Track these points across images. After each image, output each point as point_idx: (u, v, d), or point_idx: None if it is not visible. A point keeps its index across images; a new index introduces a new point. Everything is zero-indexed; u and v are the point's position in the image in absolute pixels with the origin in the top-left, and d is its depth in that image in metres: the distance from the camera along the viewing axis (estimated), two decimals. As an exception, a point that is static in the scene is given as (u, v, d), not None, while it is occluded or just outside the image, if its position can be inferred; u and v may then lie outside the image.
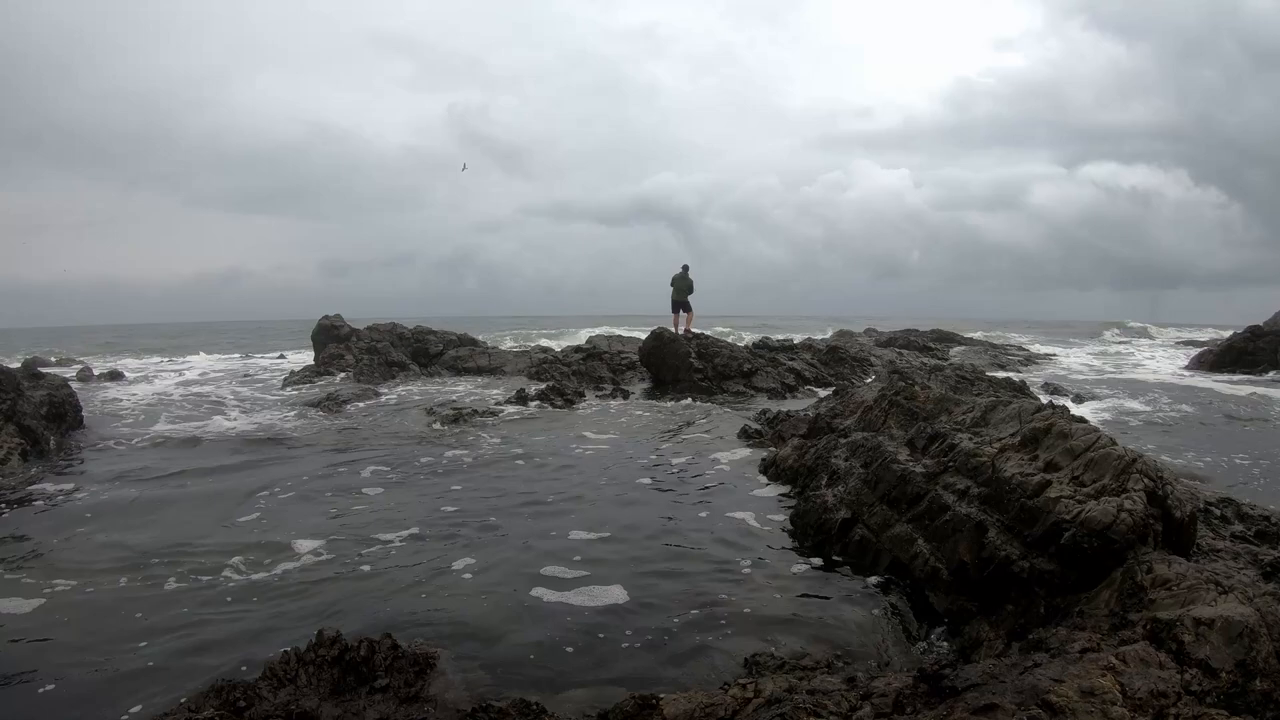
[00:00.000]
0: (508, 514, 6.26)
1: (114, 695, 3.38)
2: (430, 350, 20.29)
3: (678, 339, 16.66)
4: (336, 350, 18.78)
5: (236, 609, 4.37)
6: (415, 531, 5.74)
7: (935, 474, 4.74)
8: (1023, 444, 4.54)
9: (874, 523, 4.94)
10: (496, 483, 7.37)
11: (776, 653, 3.66)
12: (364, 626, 3.83)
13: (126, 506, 6.65)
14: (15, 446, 8.25)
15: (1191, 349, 28.80)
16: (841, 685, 2.90)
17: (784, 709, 2.62)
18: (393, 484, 7.41)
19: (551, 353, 20.87)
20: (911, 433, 5.80)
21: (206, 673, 3.45)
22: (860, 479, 5.46)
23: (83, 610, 4.37)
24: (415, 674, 3.23)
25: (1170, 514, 3.74)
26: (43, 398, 9.82)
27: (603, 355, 18.98)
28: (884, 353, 21.17)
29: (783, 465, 7.19)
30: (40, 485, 7.35)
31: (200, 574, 4.90)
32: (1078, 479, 3.96)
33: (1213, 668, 2.57)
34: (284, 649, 3.34)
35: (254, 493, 7.01)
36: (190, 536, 5.67)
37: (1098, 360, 25.93)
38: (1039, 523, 3.77)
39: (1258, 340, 21.74)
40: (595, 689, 3.45)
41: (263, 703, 2.94)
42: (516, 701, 3.04)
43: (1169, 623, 2.75)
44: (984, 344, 27.72)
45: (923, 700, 2.58)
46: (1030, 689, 2.41)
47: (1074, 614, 3.40)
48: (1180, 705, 2.41)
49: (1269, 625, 2.71)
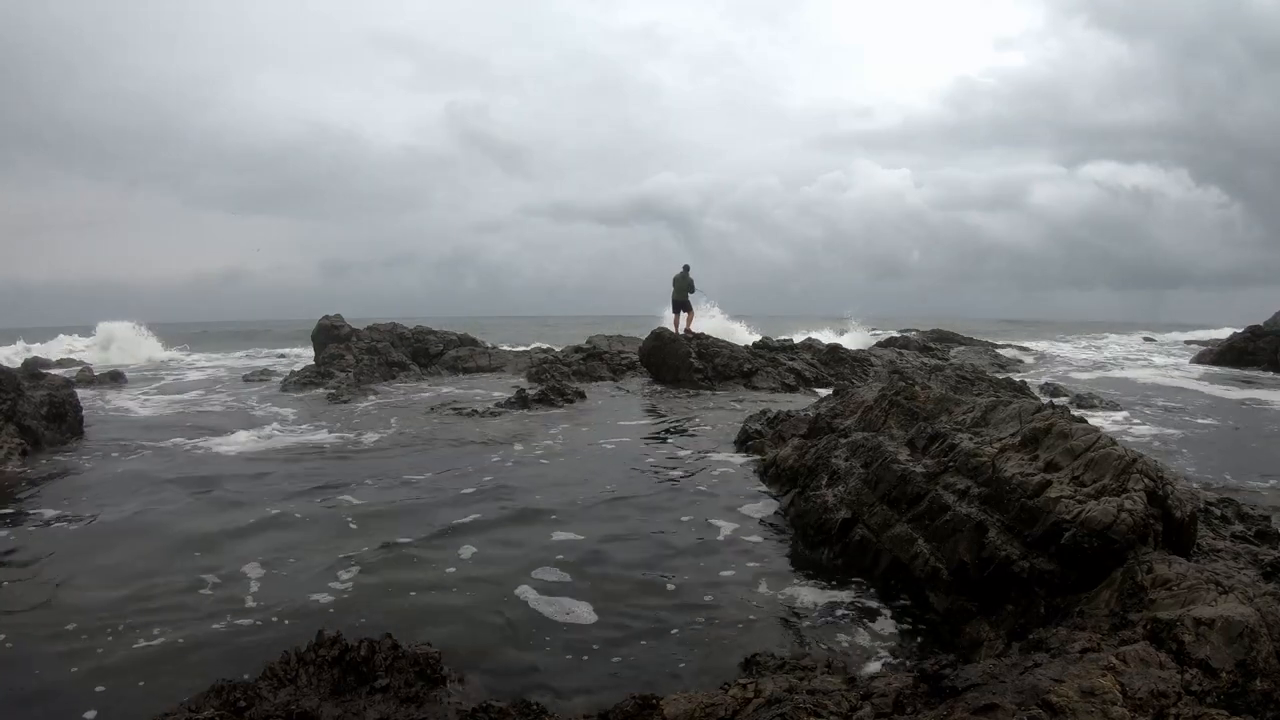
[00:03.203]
0: (508, 512, 6.26)
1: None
2: (430, 350, 20.29)
3: (678, 339, 16.66)
4: (336, 350, 18.77)
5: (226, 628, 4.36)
6: (409, 532, 5.74)
7: (935, 474, 4.74)
8: (1023, 444, 4.54)
9: (874, 523, 4.94)
10: (496, 482, 7.36)
11: (777, 653, 3.66)
12: (360, 626, 3.83)
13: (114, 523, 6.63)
14: (15, 447, 8.25)
15: (1192, 349, 28.81)
16: (841, 685, 2.90)
17: (784, 709, 2.62)
18: (392, 484, 7.40)
19: (551, 353, 20.86)
20: (912, 433, 5.80)
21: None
22: (860, 479, 5.46)
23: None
24: (415, 674, 3.23)
25: (1170, 514, 3.74)
26: (43, 398, 9.82)
27: (603, 355, 18.98)
28: (884, 353, 21.16)
29: (783, 465, 7.18)
30: (40, 488, 7.35)
31: (176, 592, 4.64)
32: (1078, 479, 3.96)
33: (1213, 668, 2.57)
34: (284, 649, 3.34)
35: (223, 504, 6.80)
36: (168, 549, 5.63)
37: (1098, 360, 25.93)
38: (1039, 523, 3.77)
39: (1258, 340, 21.75)
40: (593, 692, 3.46)
41: (263, 703, 2.94)
42: (517, 702, 3.05)
43: (1169, 623, 2.75)
44: (984, 344, 27.70)
45: (923, 700, 2.58)
46: (1030, 689, 2.41)
47: (1074, 614, 3.40)
48: (1180, 705, 2.41)
49: (1269, 625, 2.71)
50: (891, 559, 4.60)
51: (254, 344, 34.36)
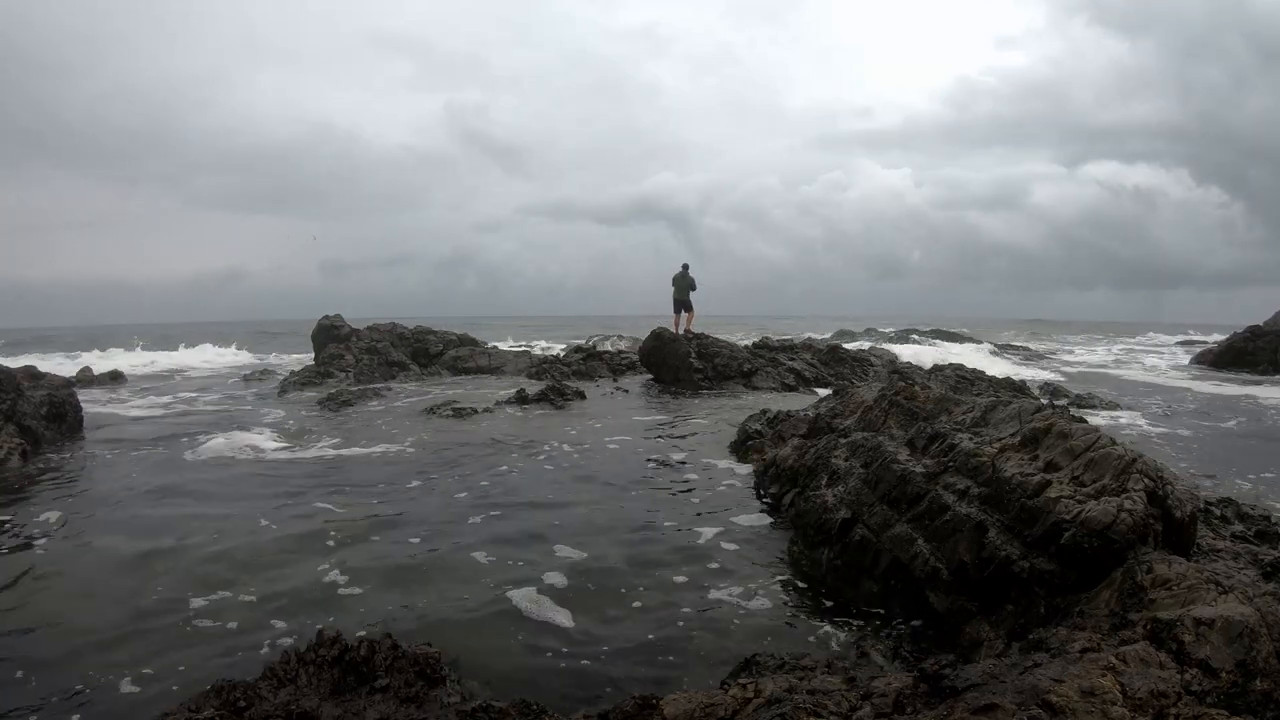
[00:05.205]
0: (508, 513, 6.26)
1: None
2: (430, 350, 20.29)
3: (678, 339, 16.65)
4: (336, 350, 18.77)
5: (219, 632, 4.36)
6: (408, 533, 5.74)
7: (935, 474, 4.74)
8: (1023, 444, 4.54)
9: (874, 523, 4.94)
10: (497, 484, 7.36)
11: (776, 653, 3.66)
12: (360, 627, 3.83)
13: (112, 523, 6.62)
14: (15, 447, 8.25)
15: (1192, 349, 28.82)
16: (841, 685, 2.89)
17: (784, 709, 2.62)
18: (391, 485, 7.40)
19: (551, 353, 20.87)
20: (911, 433, 5.80)
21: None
22: (860, 479, 5.46)
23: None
24: (415, 674, 3.23)
25: (1170, 514, 3.74)
26: (43, 398, 9.82)
27: (603, 355, 19.00)
28: (884, 352, 21.17)
29: (782, 465, 7.18)
30: (40, 488, 7.35)
31: (175, 593, 4.61)
32: (1078, 479, 3.96)
33: (1213, 667, 2.57)
34: (284, 649, 3.34)
35: (234, 499, 6.98)
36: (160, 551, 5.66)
37: (1098, 360, 25.92)
38: (1039, 523, 3.77)
39: (1257, 340, 21.76)
40: (593, 692, 3.45)
41: (263, 703, 2.94)
42: (517, 702, 3.04)
43: (1169, 623, 2.75)
44: (984, 344, 27.70)
45: (923, 700, 2.58)
46: (1030, 689, 2.41)
47: (1074, 614, 3.40)
48: (1180, 705, 2.41)
49: (1269, 625, 2.71)
50: (891, 559, 4.60)
51: (254, 344, 34.33)
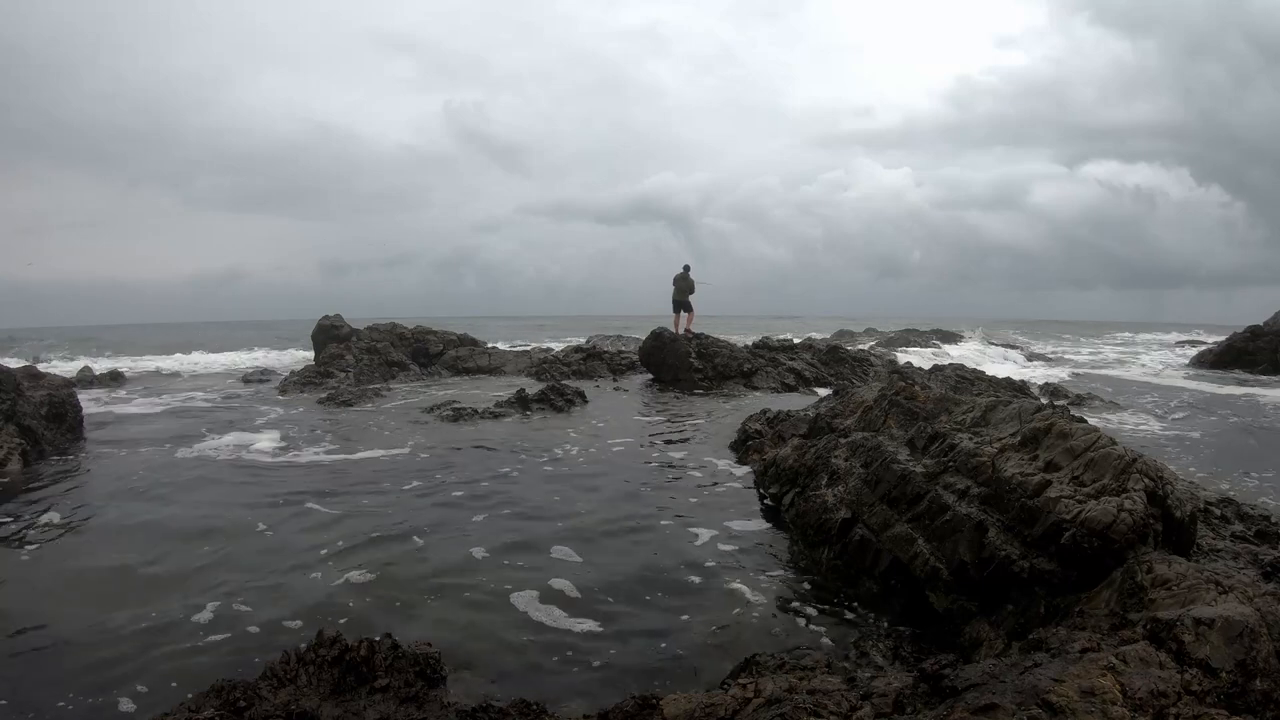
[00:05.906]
0: (508, 513, 6.26)
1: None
2: (430, 350, 20.28)
3: (678, 339, 16.65)
4: (336, 350, 18.76)
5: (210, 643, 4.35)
6: (408, 534, 5.74)
7: (935, 474, 4.74)
8: (1023, 444, 4.54)
9: (874, 523, 4.94)
10: (497, 485, 7.36)
11: (776, 653, 3.66)
12: (360, 627, 3.83)
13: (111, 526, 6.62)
14: (15, 447, 8.24)
15: (1192, 349, 28.82)
16: (841, 685, 2.89)
17: (784, 709, 2.62)
18: (391, 486, 7.40)
19: (551, 353, 20.87)
20: (911, 433, 5.80)
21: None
22: (860, 479, 5.46)
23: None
24: (415, 674, 3.23)
25: (1170, 514, 3.74)
26: (43, 398, 9.81)
27: (603, 355, 18.99)
28: (884, 352, 21.17)
29: (782, 465, 7.18)
30: (40, 488, 7.35)
31: (175, 593, 4.63)
32: (1078, 479, 3.96)
33: (1213, 667, 2.57)
34: (284, 649, 3.34)
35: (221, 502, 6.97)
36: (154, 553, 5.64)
37: (1098, 359, 25.93)
38: (1039, 523, 3.77)
39: (1257, 340, 21.76)
40: (593, 692, 3.45)
41: (263, 703, 2.94)
42: (517, 702, 3.05)
43: (1169, 622, 2.75)
44: (984, 344, 27.72)
45: (923, 700, 2.58)
46: (1030, 689, 2.41)
47: (1074, 614, 3.40)
48: (1180, 705, 2.41)
49: (1269, 625, 2.71)
50: (891, 559, 4.60)
51: (254, 344, 34.32)
